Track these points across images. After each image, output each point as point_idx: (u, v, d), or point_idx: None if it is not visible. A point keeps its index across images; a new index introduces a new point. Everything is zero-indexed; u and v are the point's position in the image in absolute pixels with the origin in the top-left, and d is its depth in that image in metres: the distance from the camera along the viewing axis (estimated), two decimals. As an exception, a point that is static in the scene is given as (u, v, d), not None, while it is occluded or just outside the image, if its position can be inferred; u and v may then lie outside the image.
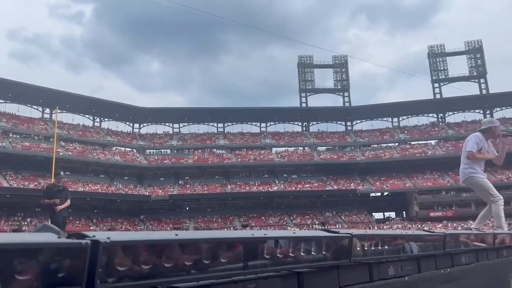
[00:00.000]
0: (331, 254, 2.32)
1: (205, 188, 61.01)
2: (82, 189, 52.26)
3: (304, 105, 75.31)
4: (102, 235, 1.36)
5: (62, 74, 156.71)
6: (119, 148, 64.37)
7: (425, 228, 39.07)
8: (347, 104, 75.71)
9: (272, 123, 74.40)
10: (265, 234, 1.96)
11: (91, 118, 67.79)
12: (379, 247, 2.75)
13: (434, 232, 3.54)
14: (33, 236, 1.20)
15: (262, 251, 1.93)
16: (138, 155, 63.82)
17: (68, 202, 10.31)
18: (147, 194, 58.36)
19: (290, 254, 2.07)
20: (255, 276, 1.89)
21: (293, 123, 75.13)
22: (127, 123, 71.03)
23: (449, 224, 52.88)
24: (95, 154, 59.00)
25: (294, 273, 2.10)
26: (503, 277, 4.58)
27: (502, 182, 57.88)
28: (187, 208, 60.21)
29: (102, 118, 68.60)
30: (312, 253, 2.18)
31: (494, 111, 71.47)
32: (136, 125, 71.71)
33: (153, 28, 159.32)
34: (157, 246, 1.54)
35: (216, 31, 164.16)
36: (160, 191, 59.59)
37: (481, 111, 72.22)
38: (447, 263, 3.60)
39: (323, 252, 2.26)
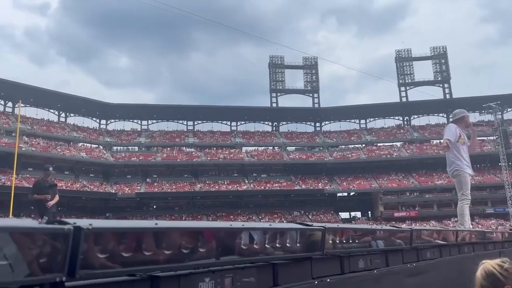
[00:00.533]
0: (305, 246, 2.38)
1: (173, 187, 60.35)
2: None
3: (274, 105, 75.77)
4: (83, 222, 1.36)
5: (25, 67, 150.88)
6: (85, 144, 62.67)
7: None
8: (316, 105, 76.74)
9: (242, 122, 74.44)
10: (243, 225, 1.99)
11: (56, 113, 65.70)
12: (350, 241, 2.84)
13: (401, 228, 3.67)
14: (14, 221, 1.19)
15: (240, 242, 1.96)
16: (105, 152, 62.39)
17: (57, 198, 10.02)
18: (113, 191, 57.12)
19: (266, 245, 2.12)
20: (232, 267, 1.92)
21: (263, 123, 75.51)
22: (94, 119, 69.28)
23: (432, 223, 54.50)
24: (59, 150, 57.21)
25: (269, 264, 2.14)
26: (464, 272, 4.80)
27: (489, 183, 60.27)
28: (155, 207, 59.38)
29: (67, 113, 66.61)
30: (287, 244, 2.23)
31: (456, 115, 74.14)
32: (103, 121, 70.07)
33: (122, 22, 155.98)
34: (138, 234, 1.54)
35: (186, 28, 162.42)
36: (127, 189, 58.49)
37: (445, 115, 74.81)
38: (413, 257, 3.74)
39: (297, 244, 2.32)
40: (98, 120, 69.66)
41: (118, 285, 1.53)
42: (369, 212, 64.10)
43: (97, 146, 63.81)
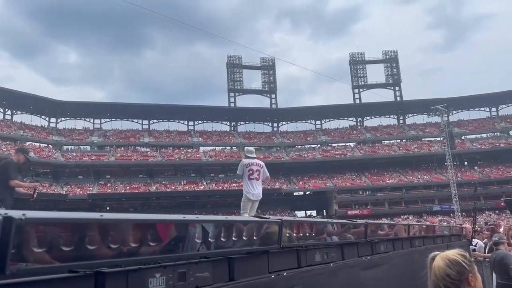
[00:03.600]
0: (262, 239, 2.32)
1: (128, 187, 58.73)
2: (-12, 187, 47.68)
3: (232, 105, 75.66)
4: (16, 212, 1.22)
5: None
6: (34, 143, 59.60)
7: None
8: (274, 106, 77.44)
9: (200, 122, 73.77)
10: (197, 218, 1.90)
11: (2, 110, 62.08)
12: (307, 234, 2.81)
13: (356, 221, 3.71)
14: None
15: (194, 235, 1.87)
16: (55, 152, 59.67)
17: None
18: (64, 193, 54.77)
19: (221, 239, 2.04)
20: (185, 261, 1.83)
21: (221, 123, 75.16)
22: (43, 117, 66.11)
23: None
24: (5, 149, 54.04)
25: (225, 258, 2.06)
26: (416, 265, 4.95)
27: (412, 183, 62.93)
28: (108, 208, 57.40)
29: (14, 111, 63.11)
30: (243, 238, 2.17)
31: (407, 116, 77.44)
32: (53, 120, 67.04)
33: (70, 16, 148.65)
34: (80, 226, 1.41)
35: (139, 24, 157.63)
36: (79, 190, 56.28)
37: (395, 117, 77.88)
38: (368, 251, 3.79)
39: (254, 238, 2.26)
40: (47, 118, 66.59)
41: (58, 283, 1.39)
42: (324, 211, 65.41)
43: (46, 145, 60.90)
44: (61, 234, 1.35)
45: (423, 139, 71.44)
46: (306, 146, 71.62)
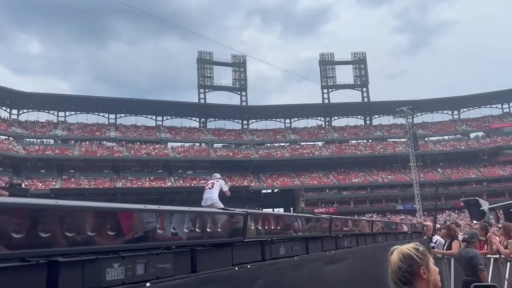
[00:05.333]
0: (226, 231, 2.29)
1: (92, 183, 57.23)
2: None
3: (202, 101, 75.07)
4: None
5: None
6: (-7, 135, 57.19)
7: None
8: (244, 103, 77.40)
9: (168, 117, 72.79)
10: (159, 207, 1.85)
11: (-43, 99, 59.19)
12: (272, 227, 2.81)
13: (321, 216, 3.74)
14: None
15: (155, 225, 1.82)
16: (16, 144, 57.36)
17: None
18: (25, 187, 52.73)
19: (184, 229, 2.00)
20: (146, 252, 1.77)
21: (190, 119, 74.49)
22: (4, 108, 63.40)
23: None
24: (-40, 141, 51.62)
25: (187, 249, 2.02)
26: (378, 260, 5.06)
27: (377, 182, 64.47)
28: (71, 204, 55.84)
29: (-29, 101, 60.30)
30: (207, 229, 2.13)
31: (373, 117, 79.22)
32: (14, 111, 64.42)
33: (32, 4, 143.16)
34: (32, 212, 1.34)
35: (104, 14, 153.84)
36: (40, 184, 54.36)
37: (362, 117, 79.52)
38: (332, 245, 3.84)
39: (218, 229, 2.23)
40: (8, 110, 63.93)
41: (9, 271, 1.32)
42: (291, 209, 65.96)
43: (6, 137, 58.45)
44: (12, 220, 1.28)
45: (388, 139, 73.30)
46: (275, 144, 72.03)
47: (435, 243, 9.10)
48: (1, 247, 1.26)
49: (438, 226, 12.22)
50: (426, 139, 71.32)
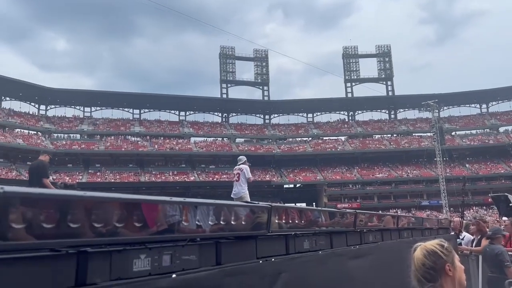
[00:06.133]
0: (250, 224, 2.29)
1: (117, 177, 58.41)
2: (-25, 174, 47.14)
3: (224, 96, 75.37)
4: (-7, 186, 1.17)
5: None
6: (22, 130, 58.91)
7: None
8: (266, 98, 77.31)
9: (191, 112, 73.41)
10: (184, 200, 1.86)
11: (-11, 96, 61.19)
12: (296, 221, 2.79)
13: (346, 210, 3.70)
14: None
15: (181, 217, 1.83)
16: (44, 139, 59.05)
17: None
18: (53, 181, 54.19)
19: (209, 222, 2.00)
20: (172, 244, 1.79)
21: (213, 114, 74.89)
22: (32, 104, 65.25)
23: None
24: (-8, 136, 53.43)
25: (212, 242, 2.03)
26: (404, 255, 4.98)
27: (401, 177, 63.48)
28: (98, 197, 57.17)
29: (2, 97, 62.17)
30: (232, 222, 2.14)
31: (398, 111, 77.82)
32: (43, 107, 66.22)
33: (59, 2, 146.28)
34: (62, 203, 1.37)
35: (128, 11, 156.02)
36: (68, 178, 55.80)
37: (387, 111, 78.24)
38: (357, 240, 3.79)
39: (243, 222, 2.23)
40: (37, 106, 65.78)
41: (38, 261, 1.35)
42: (314, 204, 65.74)
43: (35, 132, 60.23)
44: (42, 210, 1.30)
45: (413, 134, 71.96)
46: (297, 139, 71.74)
47: (462, 239, 8.90)
48: (32, 237, 1.29)
49: (466, 222, 11.94)
50: (453, 133, 69.68)
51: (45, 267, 1.36)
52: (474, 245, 8.25)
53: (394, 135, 73.07)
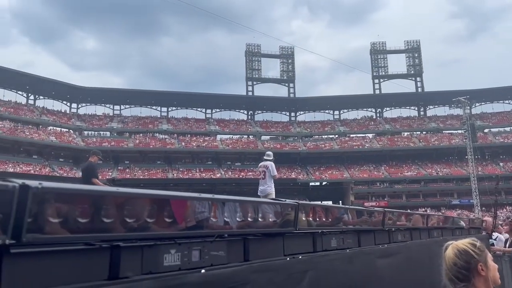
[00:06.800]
0: (278, 221, 2.29)
1: (146, 173, 59.53)
2: (12, 170, 48.90)
3: (250, 93, 75.49)
4: (32, 181, 1.22)
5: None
6: (55, 128, 60.80)
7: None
8: (292, 95, 76.95)
9: (217, 110, 73.89)
10: (213, 196, 1.89)
11: (25, 95, 63.32)
12: (324, 219, 2.78)
13: (374, 209, 3.66)
14: None
15: (209, 213, 1.86)
16: (75, 136, 60.77)
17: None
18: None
19: (237, 218, 2.02)
20: (201, 240, 1.82)
21: (238, 111, 75.15)
22: (64, 102, 67.22)
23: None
24: (28, 133, 55.37)
25: (240, 238, 2.05)
26: (433, 256, 4.87)
27: (431, 176, 62.03)
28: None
29: (37, 96, 64.35)
30: (259, 219, 2.15)
31: (428, 108, 75.99)
32: (74, 105, 68.11)
33: (88, 3, 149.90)
34: (96, 198, 1.41)
35: (155, 10, 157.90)
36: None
37: (416, 108, 76.52)
38: (385, 239, 3.74)
39: (270, 219, 2.24)
40: (68, 104, 67.70)
41: (74, 254, 1.40)
42: (340, 202, 65.02)
43: (67, 130, 62.04)
44: (77, 205, 1.35)
45: (443, 131, 70.11)
46: (323, 136, 71.12)
47: (495, 239, 8.63)
48: (68, 230, 1.34)
49: (500, 222, 11.56)
50: (485, 130, 67.46)
51: (80, 261, 1.41)
52: (507, 245, 7.99)
53: (424, 132, 71.40)
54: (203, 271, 1.72)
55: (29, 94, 63.57)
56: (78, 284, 1.33)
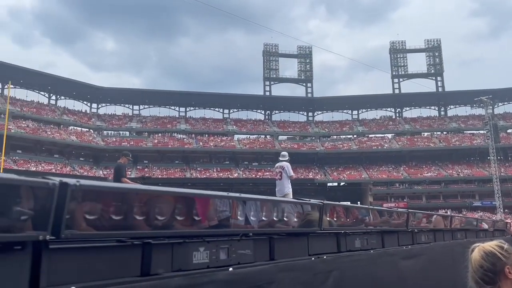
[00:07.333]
0: (302, 221, 2.30)
1: (164, 173, 60.11)
2: (34, 168, 50.05)
3: (267, 93, 75.44)
4: (70, 179, 1.25)
5: (8, 47, 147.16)
6: (76, 128, 61.98)
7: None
8: (309, 95, 76.59)
9: (235, 110, 74.09)
10: (240, 195, 1.90)
11: (47, 95, 64.71)
12: (348, 219, 2.77)
13: (398, 209, 3.62)
14: None
15: (236, 212, 1.87)
16: (95, 136, 61.80)
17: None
18: (103, 176, 56.70)
19: (263, 218, 2.03)
20: (228, 238, 1.84)
21: (256, 111, 75.19)
22: (85, 102, 68.45)
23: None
24: (49, 133, 56.56)
25: (266, 237, 2.06)
26: (456, 257, 4.79)
27: (452, 177, 60.92)
28: (145, 192, 59.03)
29: (58, 96, 65.70)
30: (284, 218, 2.15)
31: (449, 108, 74.63)
32: (94, 105, 69.27)
33: (107, 4, 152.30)
34: (129, 196, 1.44)
35: (173, 11, 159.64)
36: (113, 172, 58.04)
37: (436, 108, 75.24)
38: (409, 240, 3.70)
39: (295, 219, 2.24)
40: (89, 104, 68.89)
41: (107, 250, 1.43)
42: (358, 203, 64.46)
43: (87, 130, 63.15)
44: (111, 203, 1.38)
45: (465, 131, 68.76)
46: (341, 136, 70.56)
47: (520, 242, 8.42)
48: (102, 227, 1.37)
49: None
50: (508, 131, 65.89)
51: (113, 257, 1.44)
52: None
53: (444, 132, 70.15)
54: (230, 269, 1.74)
55: (51, 95, 64.92)
56: (112, 280, 1.36)
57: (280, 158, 10.77)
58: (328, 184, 64.96)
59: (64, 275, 1.27)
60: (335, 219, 2.59)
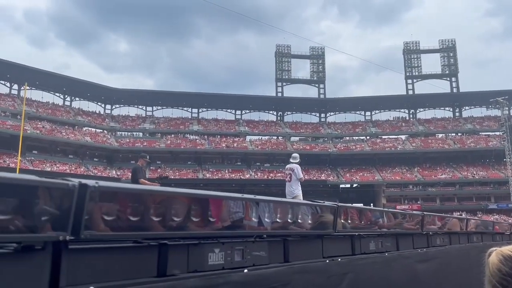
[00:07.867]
0: (317, 223, 2.29)
1: (177, 174, 60.41)
2: (49, 169, 50.79)
3: (279, 94, 75.35)
4: (90, 181, 1.27)
5: (24, 49, 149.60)
6: (90, 128, 62.73)
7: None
8: (322, 96, 76.28)
9: (247, 111, 74.16)
10: (254, 197, 1.90)
11: (62, 96, 65.63)
12: (362, 222, 2.75)
13: (413, 212, 3.59)
14: (13, 174, 1.13)
15: (251, 213, 1.88)
16: (109, 137, 62.45)
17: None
18: (117, 176, 57.27)
19: (277, 219, 2.03)
20: (242, 240, 1.84)
21: (268, 112, 75.15)
22: (99, 103, 69.23)
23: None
24: (64, 133, 57.34)
25: (280, 239, 2.06)
26: (472, 261, 4.72)
27: (466, 179, 60.08)
28: (158, 193, 59.42)
29: (73, 97, 66.56)
30: (299, 220, 2.15)
31: (463, 109, 73.64)
32: (108, 106, 70.00)
33: (120, 6, 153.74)
34: (146, 198, 1.46)
35: (185, 13, 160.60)
36: (131, 174, 58.55)
37: (451, 109, 74.30)
38: (424, 243, 3.66)
39: (309, 221, 2.24)
40: (103, 105, 69.65)
41: (124, 251, 1.45)
42: (371, 204, 63.82)
43: (101, 130, 63.86)
44: (128, 204, 1.40)
45: (480, 133, 67.75)
46: (354, 137, 70.09)
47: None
48: (120, 228, 1.38)
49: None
50: (525, 132, 64.73)
51: (130, 258, 1.46)
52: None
53: (459, 134, 69.22)
54: (245, 270, 1.74)
55: (66, 96, 65.82)
56: (129, 280, 1.37)
57: (291, 160, 10.81)
58: (341, 186, 64.62)
59: (82, 275, 1.29)
60: (349, 221, 2.58)
